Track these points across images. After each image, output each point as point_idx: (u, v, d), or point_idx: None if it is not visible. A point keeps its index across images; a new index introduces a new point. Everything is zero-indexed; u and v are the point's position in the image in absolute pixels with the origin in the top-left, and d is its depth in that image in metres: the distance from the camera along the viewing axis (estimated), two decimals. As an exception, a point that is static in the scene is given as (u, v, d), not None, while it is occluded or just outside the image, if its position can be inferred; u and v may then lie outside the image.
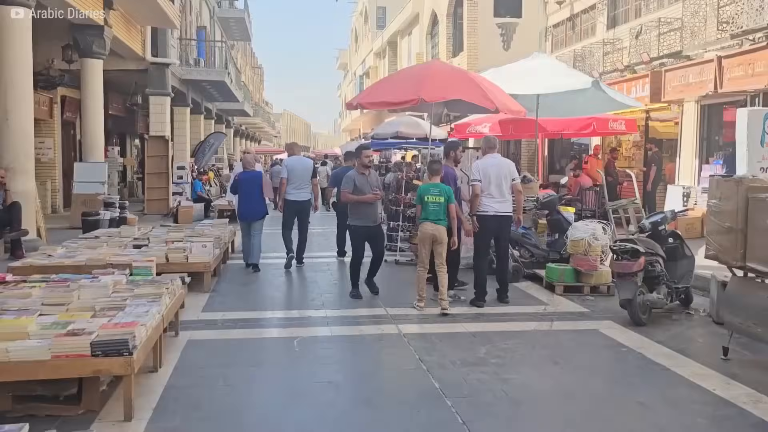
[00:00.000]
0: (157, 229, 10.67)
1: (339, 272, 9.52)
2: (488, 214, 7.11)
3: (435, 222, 6.67)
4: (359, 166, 7.67)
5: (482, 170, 7.14)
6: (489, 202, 7.11)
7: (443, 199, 6.70)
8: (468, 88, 8.78)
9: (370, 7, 38.50)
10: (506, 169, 7.26)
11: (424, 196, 6.76)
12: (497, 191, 7.08)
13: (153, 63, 17.00)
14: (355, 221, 7.47)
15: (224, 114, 32.70)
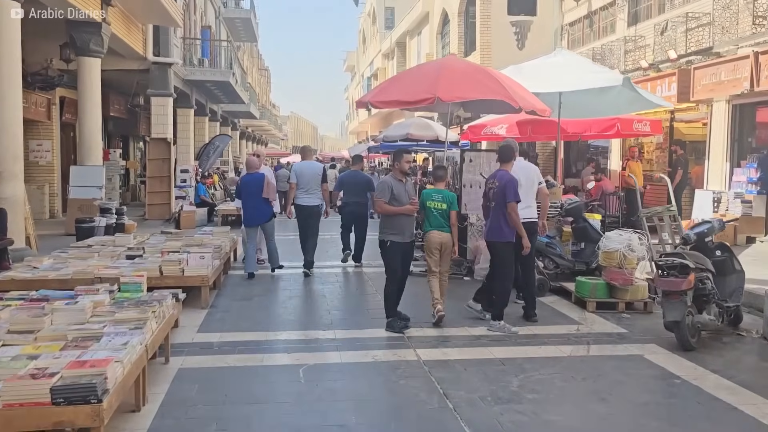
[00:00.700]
0: (155, 236, 10.04)
1: (348, 283, 8.85)
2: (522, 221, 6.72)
3: (440, 230, 6.47)
4: (397, 172, 6.52)
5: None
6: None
7: (446, 205, 6.49)
8: (488, 85, 8.07)
9: (378, 7, 37.87)
10: (533, 172, 7.09)
11: (427, 202, 6.55)
12: (526, 197, 6.77)
13: (155, 62, 16.40)
14: (391, 236, 6.30)
15: (230, 116, 32.10)
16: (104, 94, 18.72)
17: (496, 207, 6.34)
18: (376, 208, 6.36)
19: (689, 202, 12.77)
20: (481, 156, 9.63)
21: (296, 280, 8.93)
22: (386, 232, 6.35)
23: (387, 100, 8.32)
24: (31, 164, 16.28)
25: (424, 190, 7.18)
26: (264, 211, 8.97)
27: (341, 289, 8.48)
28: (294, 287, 8.47)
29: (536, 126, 12.12)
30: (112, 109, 19.18)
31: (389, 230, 6.33)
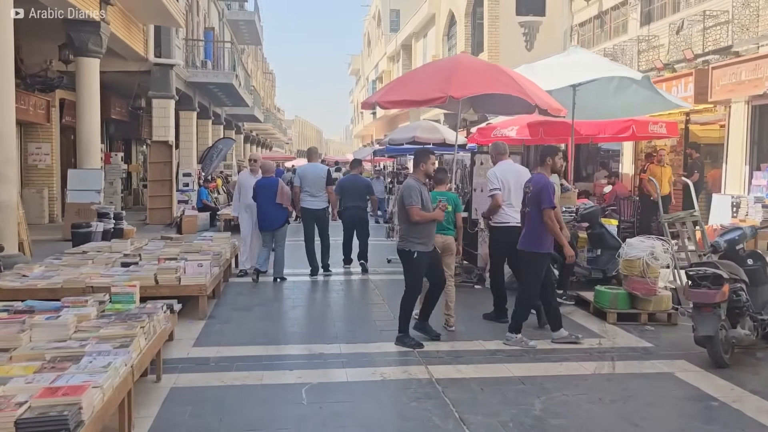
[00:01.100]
0: (153, 242, 9.68)
1: (353, 292, 8.47)
2: (509, 225, 6.66)
3: (444, 232, 6.31)
4: (421, 174, 5.97)
5: (501, 178, 6.76)
6: (509, 212, 6.71)
7: (450, 208, 6.31)
8: (503, 81, 7.67)
9: (384, 10, 37.54)
10: (524, 176, 6.68)
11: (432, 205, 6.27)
12: (517, 200, 6.56)
13: (156, 64, 16.07)
14: (418, 246, 5.73)
15: (234, 119, 31.78)
16: (105, 96, 18.46)
17: (530, 213, 5.88)
18: (413, 216, 5.67)
19: (705, 207, 12.34)
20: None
21: (300, 289, 8.55)
22: (412, 240, 5.74)
23: (395, 100, 7.92)
24: (30, 168, 16.00)
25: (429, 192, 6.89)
26: (277, 217, 8.75)
27: (346, 298, 8.09)
28: (297, 296, 8.08)
29: (548, 128, 11.70)
30: (114, 112, 18.87)
31: (415, 238, 5.73)
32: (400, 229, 6.06)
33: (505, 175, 6.77)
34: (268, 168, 9.06)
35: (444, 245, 6.30)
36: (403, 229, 5.87)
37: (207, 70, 19.32)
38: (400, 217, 6.01)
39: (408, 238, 5.77)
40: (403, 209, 5.75)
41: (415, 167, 6.04)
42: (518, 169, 7.03)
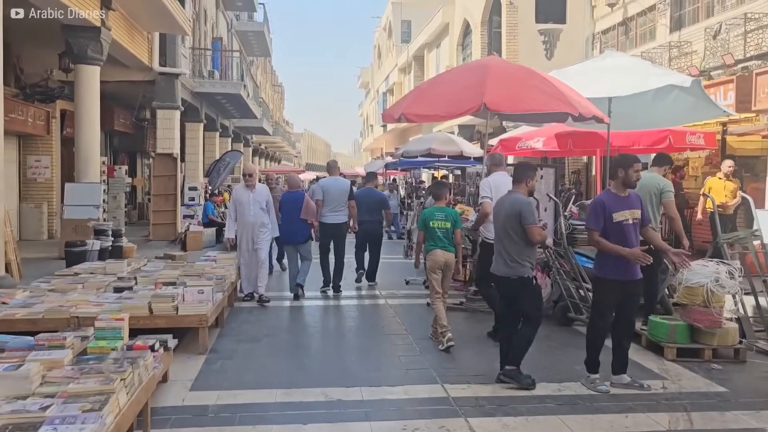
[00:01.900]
0: (152, 262, 8.94)
1: (370, 319, 7.63)
2: None
3: (444, 249, 6.27)
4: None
5: (494, 188, 6.39)
6: None
7: (450, 224, 6.32)
8: (546, 91, 6.86)
9: (395, 21, 36.97)
10: None
11: (429, 221, 6.35)
12: None
13: (161, 73, 15.39)
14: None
15: (242, 132, 31.16)
16: (109, 107, 17.83)
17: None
18: (534, 236, 5.05)
19: (745, 224, 11.45)
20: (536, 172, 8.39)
21: (311, 315, 7.75)
22: (527, 265, 5.11)
23: (424, 114, 7.12)
24: (28, 181, 15.33)
25: (425, 209, 6.83)
26: (301, 231, 8.57)
27: (364, 327, 7.26)
28: (309, 324, 7.27)
29: (578, 139, 10.89)
30: (118, 124, 18.21)
31: (530, 263, 5.14)
32: (502, 252, 5.20)
33: (498, 186, 6.38)
34: (294, 182, 8.99)
35: (447, 263, 6.25)
36: (513, 252, 5.11)
37: (214, 80, 18.66)
38: (503, 239, 5.20)
39: (522, 263, 5.09)
40: (513, 229, 5.08)
41: (518, 182, 5.35)
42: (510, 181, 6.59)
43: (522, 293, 5.12)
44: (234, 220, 8.26)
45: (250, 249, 8.20)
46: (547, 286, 7.77)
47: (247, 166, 8.71)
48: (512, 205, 5.15)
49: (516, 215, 5.06)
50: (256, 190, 8.22)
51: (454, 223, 6.35)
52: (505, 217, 5.18)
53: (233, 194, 8.56)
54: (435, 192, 6.62)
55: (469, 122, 23.30)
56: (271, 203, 8.32)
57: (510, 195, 5.31)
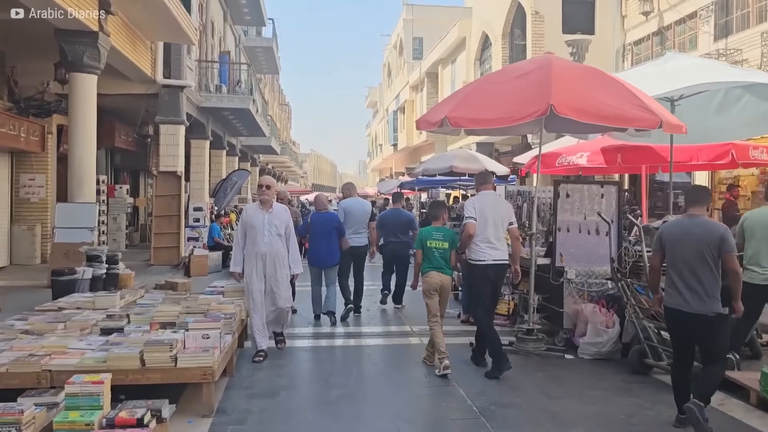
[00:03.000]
0: (150, 293, 7.81)
1: (404, 364, 6.40)
2: (486, 263, 6.01)
3: (440, 271, 6.09)
4: None
5: (479, 209, 6.07)
6: (486, 249, 6.03)
7: (447, 244, 6.12)
8: (614, 94, 5.74)
9: (406, 38, 36.12)
10: (504, 210, 6.27)
11: (426, 241, 6.15)
12: (494, 235, 6.07)
13: (165, 86, 14.36)
14: None
15: (249, 151, 30.16)
16: (109, 122, 16.80)
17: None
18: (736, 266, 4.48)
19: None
20: (583, 190, 7.24)
21: (336, 358, 6.56)
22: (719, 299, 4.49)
23: (474, 118, 6.00)
24: (21, 201, 14.25)
25: (422, 228, 6.63)
26: (333, 255, 8.20)
27: (400, 377, 6.05)
28: (336, 372, 6.07)
29: (628, 153, 9.76)
30: (119, 140, 17.17)
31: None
32: (694, 286, 4.51)
33: (483, 206, 6.08)
34: (321, 203, 8.67)
35: (442, 286, 6.09)
36: (709, 285, 4.48)
37: (221, 95, 17.63)
38: (696, 270, 4.50)
39: (717, 297, 4.47)
40: (713, 258, 4.46)
41: (699, 204, 4.70)
42: (500, 201, 6.46)
43: (717, 331, 4.49)
44: (242, 250, 6.45)
45: (264, 289, 6.40)
46: (614, 325, 6.57)
47: (264, 177, 6.79)
48: (709, 230, 4.44)
49: (716, 242, 4.42)
50: (273, 210, 6.44)
51: (452, 243, 6.12)
52: (697, 243, 4.47)
53: (243, 215, 6.63)
54: (432, 212, 6.46)
55: (487, 140, 22.25)
56: (291, 229, 6.59)
57: (695, 219, 4.59)
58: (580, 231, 7.19)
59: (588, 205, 7.21)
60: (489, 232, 6.01)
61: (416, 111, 33.57)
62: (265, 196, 6.43)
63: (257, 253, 6.36)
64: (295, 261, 6.59)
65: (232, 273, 6.64)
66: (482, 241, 6.01)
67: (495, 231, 6.05)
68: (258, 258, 6.36)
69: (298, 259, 6.68)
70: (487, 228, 6.01)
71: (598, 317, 6.62)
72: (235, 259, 6.53)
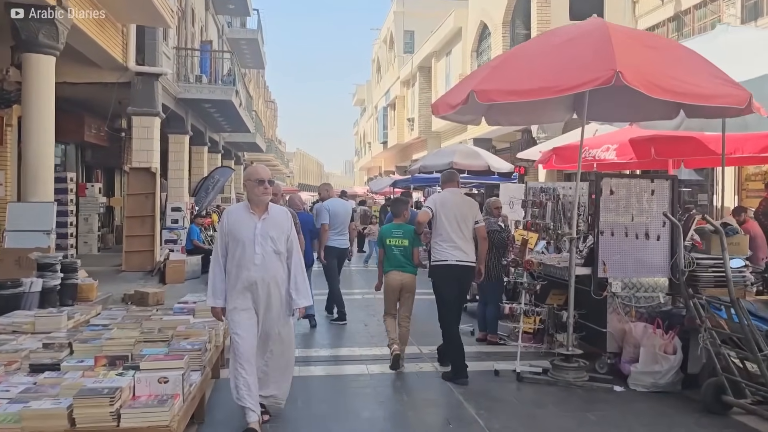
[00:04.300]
0: (109, 310, 6.57)
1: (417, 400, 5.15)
2: (449, 263, 5.77)
3: (401, 269, 5.94)
4: None
5: (440, 203, 5.88)
6: (448, 249, 5.77)
7: (407, 242, 5.98)
8: (691, 68, 4.58)
9: (397, 32, 34.84)
10: (469, 208, 5.98)
11: (386, 239, 6.05)
12: (458, 235, 5.79)
13: (138, 73, 13.01)
14: None
15: (233, 148, 28.80)
16: (78, 115, 15.39)
17: None
18: None
19: None
20: (630, 185, 6.03)
21: (329, 393, 5.30)
22: None
23: (513, 89, 4.78)
24: (-23, 201, 12.85)
25: (383, 226, 6.68)
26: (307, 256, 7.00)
27: (417, 418, 4.81)
28: (335, 412, 4.81)
29: (662, 146, 8.54)
30: (89, 135, 15.76)
31: None
32: None
33: (445, 203, 5.85)
34: (296, 203, 8.06)
35: (402, 284, 5.94)
36: None
37: (201, 85, 16.26)
38: None
39: None
40: None
41: None
42: (465, 200, 6.10)
43: None
44: (223, 272, 4.35)
45: (259, 333, 4.39)
46: (676, 351, 5.37)
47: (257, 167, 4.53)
48: None
49: None
50: (268, 215, 4.38)
51: (413, 240, 5.92)
52: None
53: (223, 221, 4.45)
54: (393, 209, 6.30)
55: (485, 135, 21.09)
56: (295, 242, 4.51)
57: None
58: (627, 234, 5.98)
59: (636, 204, 6.01)
60: (452, 232, 5.74)
61: (407, 107, 32.33)
62: (266, 195, 4.34)
63: (245, 280, 4.26)
64: (301, 290, 4.45)
65: (212, 309, 4.46)
66: (445, 241, 5.75)
67: (459, 231, 5.76)
68: (245, 288, 4.28)
69: (306, 286, 4.54)
70: (451, 228, 5.74)
71: (654, 340, 5.43)
72: (213, 286, 4.35)
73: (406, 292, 5.97)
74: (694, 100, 4.66)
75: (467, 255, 5.79)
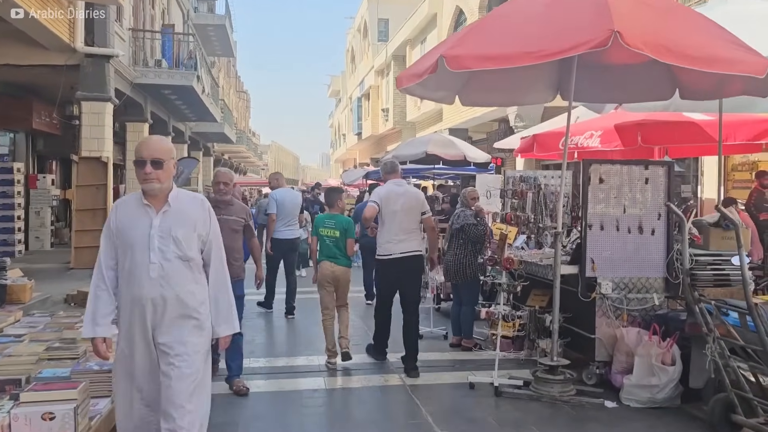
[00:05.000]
0: (31, 316, 5.79)
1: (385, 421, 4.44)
2: (392, 257, 5.63)
3: (333, 260, 5.71)
4: None
5: (385, 197, 5.67)
6: (391, 243, 5.63)
7: (339, 232, 5.73)
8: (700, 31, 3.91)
9: (371, 20, 33.96)
10: (414, 199, 5.80)
11: (319, 229, 5.85)
12: (402, 227, 5.61)
13: (88, 55, 12.03)
14: None
15: (201, 139, 27.72)
16: (26, 101, 14.30)
17: None
18: None
19: None
20: (622, 173, 5.35)
21: (280, 412, 4.53)
22: None
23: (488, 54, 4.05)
24: None
25: (317, 216, 6.67)
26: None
27: None
28: None
29: (649, 131, 7.94)
30: (39, 122, 14.69)
31: None
32: None
33: (389, 195, 5.71)
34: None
35: (333, 276, 5.74)
36: None
37: (160, 70, 15.27)
38: None
39: None
40: None
41: None
42: (409, 191, 5.92)
43: None
44: (109, 287, 3.09)
45: (146, 383, 3.06)
46: (676, 362, 4.72)
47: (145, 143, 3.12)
48: None
49: None
50: (169, 207, 3.09)
51: (345, 231, 5.75)
52: None
53: (111, 216, 3.23)
54: (327, 198, 6.12)
55: (461, 125, 20.43)
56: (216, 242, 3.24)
57: None
58: (618, 228, 5.31)
59: (628, 194, 5.33)
60: (395, 224, 5.62)
61: (381, 97, 31.55)
62: (149, 182, 3.02)
63: (134, 299, 3.03)
64: (223, 313, 3.18)
65: (93, 344, 3.10)
66: (390, 234, 5.64)
67: (402, 223, 5.64)
68: (137, 310, 3.03)
69: (229, 306, 3.21)
70: (394, 220, 5.62)
71: (650, 349, 4.76)
72: (93, 310, 3.05)
73: (339, 283, 5.76)
74: (709, 66, 3.96)
75: (413, 245, 5.68)
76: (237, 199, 5.44)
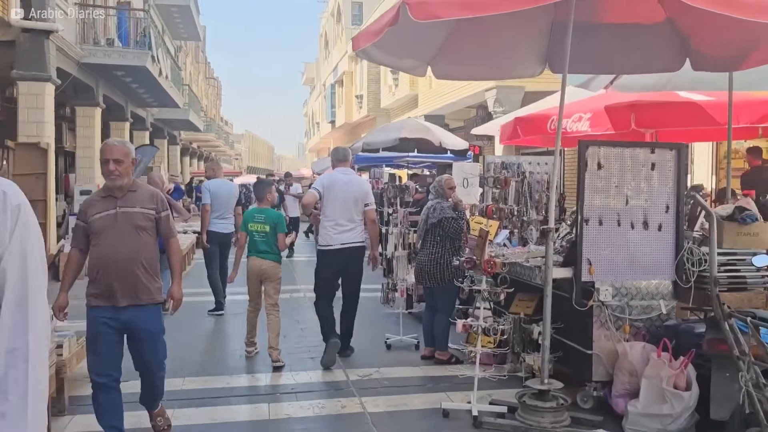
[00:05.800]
0: None
1: None
2: (333, 248, 5.53)
3: (261, 256, 5.54)
4: None
5: (328, 184, 5.57)
6: (332, 233, 5.52)
7: (269, 227, 5.53)
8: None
9: (344, 3, 32.85)
10: (358, 189, 5.63)
11: (248, 223, 5.65)
12: (344, 217, 5.52)
13: (24, 30, 10.87)
14: None
15: (165, 126, 26.43)
16: (-40, 82, 13.19)
17: None
18: None
19: None
20: (624, 157, 4.49)
21: None
22: None
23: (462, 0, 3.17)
24: None
25: (246, 210, 6.65)
26: None
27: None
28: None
29: (644, 113, 7.11)
30: (-23, 105, 13.49)
31: None
32: None
33: (333, 183, 5.54)
34: (156, 182, 7.24)
35: (261, 271, 5.54)
36: None
37: (110, 49, 14.08)
38: None
39: None
40: None
41: None
42: (353, 180, 5.73)
43: None
44: None
45: None
46: (692, 385, 3.90)
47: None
48: None
49: None
50: None
51: (275, 226, 5.55)
52: None
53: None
54: (256, 191, 5.94)
55: (437, 111, 19.57)
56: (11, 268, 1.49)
57: None
58: (620, 224, 4.46)
59: (631, 182, 4.47)
60: (337, 213, 5.51)
61: (355, 84, 30.53)
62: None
63: None
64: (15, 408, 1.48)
65: None
66: (331, 223, 5.50)
67: (345, 212, 5.52)
68: None
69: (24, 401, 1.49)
70: (336, 209, 5.50)
71: (660, 369, 3.93)
72: None
73: (267, 280, 5.55)
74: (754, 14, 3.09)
75: (354, 236, 5.56)
76: (144, 184, 4.06)
